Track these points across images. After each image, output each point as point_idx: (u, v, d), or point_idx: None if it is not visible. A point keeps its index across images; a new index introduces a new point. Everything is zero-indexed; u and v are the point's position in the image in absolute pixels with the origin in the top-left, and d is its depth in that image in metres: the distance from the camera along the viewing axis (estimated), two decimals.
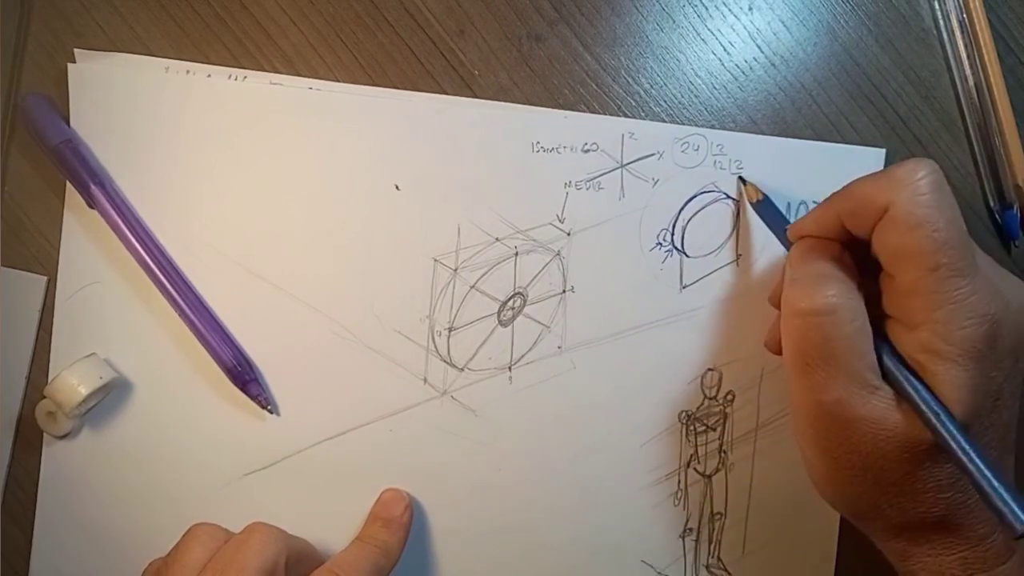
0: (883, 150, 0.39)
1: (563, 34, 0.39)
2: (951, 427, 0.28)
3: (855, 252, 0.33)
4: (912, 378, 0.30)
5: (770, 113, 0.40)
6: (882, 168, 0.39)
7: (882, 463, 0.30)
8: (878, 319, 0.31)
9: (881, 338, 0.31)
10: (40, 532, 0.38)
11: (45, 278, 0.38)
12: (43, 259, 0.38)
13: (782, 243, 0.36)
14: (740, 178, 0.39)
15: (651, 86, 0.39)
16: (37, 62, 0.38)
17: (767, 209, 0.38)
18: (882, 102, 0.40)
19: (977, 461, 0.28)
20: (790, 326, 0.32)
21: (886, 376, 0.30)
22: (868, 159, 0.39)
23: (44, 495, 0.38)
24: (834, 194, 0.33)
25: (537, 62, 0.39)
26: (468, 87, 0.39)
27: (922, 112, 0.40)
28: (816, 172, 0.39)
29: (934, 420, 0.29)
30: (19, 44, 0.38)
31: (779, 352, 0.36)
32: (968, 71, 0.39)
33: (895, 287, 0.31)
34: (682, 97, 0.39)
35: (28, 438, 0.38)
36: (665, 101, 0.39)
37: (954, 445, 0.28)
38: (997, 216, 0.40)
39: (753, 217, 0.39)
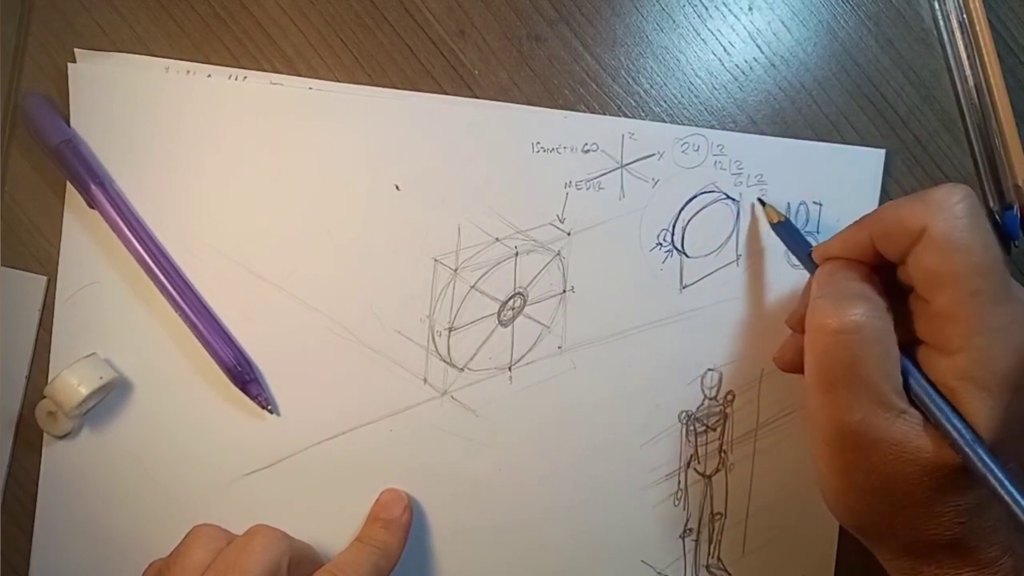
0: (883, 151, 0.39)
1: (563, 34, 0.39)
2: (983, 454, 0.28)
3: (881, 276, 0.33)
4: (942, 403, 0.29)
5: (770, 113, 0.40)
6: (881, 169, 0.39)
7: (902, 485, 0.30)
8: (905, 343, 0.31)
9: (907, 361, 0.30)
10: (40, 532, 0.38)
11: (45, 278, 0.38)
12: (43, 259, 0.38)
13: (804, 265, 0.36)
14: (759, 199, 0.39)
15: (651, 86, 0.39)
16: (37, 62, 0.38)
17: (787, 231, 0.38)
18: (882, 102, 0.40)
19: (1011, 488, 0.27)
20: (815, 343, 0.31)
21: (911, 400, 0.30)
22: (868, 160, 0.39)
23: (44, 495, 0.38)
24: (865, 216, 0.33)
25: (537, 62, 0.39)
26: (468, 87, 0.39)
27: (922, 112, 0.40)
28: (816, 172, 0.39)
29: (966, 447, 0.28)
30: (19, 44, 0.38)
31: (789, 370, 0.37)
32: (968, 71, 0.39)
33: (930, 311, 0.30)
34: (682, 97, 0.39)
35: (28, 438, 0.38)
36: (665, 101, 0.39)
37: (987, 472, 0.28)
38: (997, 216, 0.40)
39: (753, 217, 0.39)
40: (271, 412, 0.38)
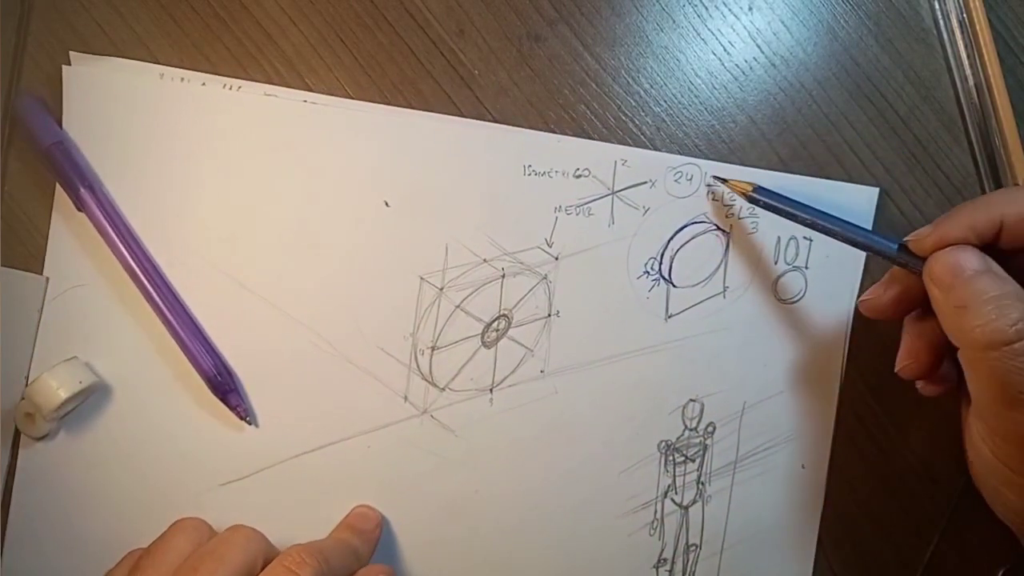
0: (877, 189, 0.39)
1: (563, 34, 0.39)
2: None
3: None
4: None
5: (770, 113, 0.39)
6: (874, 206, 0.39)
7: None
8: None
9: None
10: (12, 532, 0.38)
11: (45, 278, 0.38)
12: (43, 259, 0.38)
13: (804, 223, 0.35)
14: (715, 177, 0.38)
15: (651, 86, 0.39)
16: (37, 62, 0.38)
17: (767, 196, 0.36)
18: (882, 102, 0.40)
19: None
20: (979, 360, 0.29)
21: None
22: (861, 197, 0.39)
23: (18, 495, 0.38)
24: (983, 199, 0.32)
25: (537, 62, 0.39)
26: (468, 87, 0.39)
27: (922, 112, 0.40)
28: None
29: None
30: (19, 44, 0.38)
31: (920, 377, 0.35)
32: (968, 71, 0.39)
33: None
34: (682, 97, 0.39)
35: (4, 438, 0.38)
36: (665, 101, 0.39)
37: None
38: None
39: (743, 249, 0.39)
40: (250, 423, 0.38)
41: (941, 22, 0.39)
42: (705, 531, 0.40)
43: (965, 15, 0.39)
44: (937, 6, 0.39)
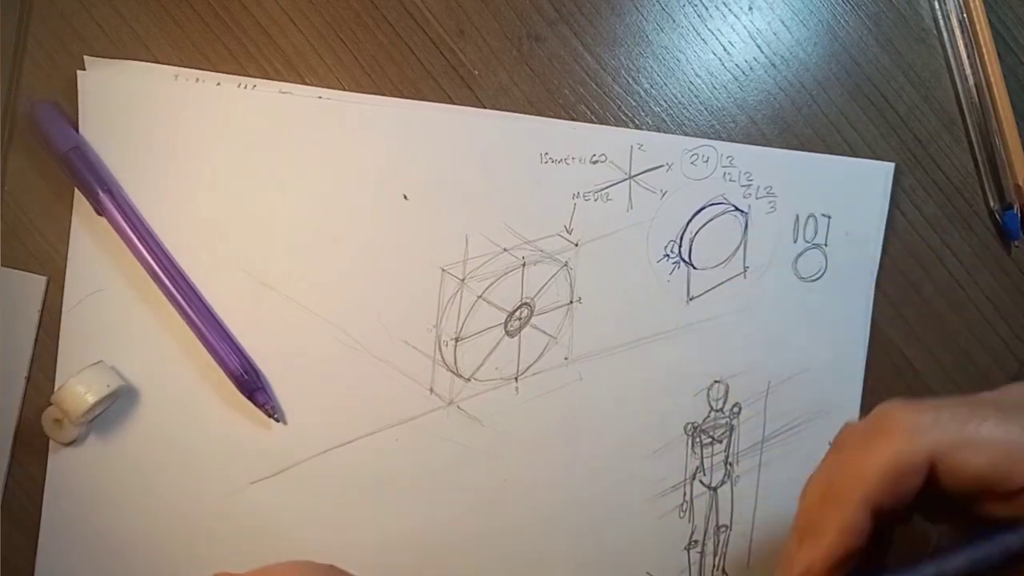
0: (892, 164, 0.39)
1: (563, 34, 0.39)
2: None
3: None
4: None
5: (770, 113, 0.39)
6: (890, 182, 0.39)
7: None
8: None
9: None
10: (45, 538, 0.38)
11: (45, 278, 0.38)
12: (43, 259, 0.38)
13: None
14: None
15: (651, 86, 0.39)
16: (37, 63, 0.38)
17: None
18: (882, 102, 0.40)
19: None
20: None
21: None
22: (877, 173, 0.39)
23: (49, 501, 0.38)
24: (829, 494, 0.25)
25: (537, 62, 0.39)
26: (468, 87, 0.39)
27: (922, 112, 0.40)
28: (826, 185, 0.39)
29: None
30: (19, 45, 0.38)
31: None
32: (968, 71, 0.39)
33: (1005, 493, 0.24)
34: (682, 97, 0.39)
35: (34, 445, 0.38)
36: (665, 101, 0.39)
37: None
38: (997, 216, 0.40)
39: (762, 229, 0.39)
40: (277, 420, 0.38)
41: (941, 22, 0.39)
42: (735, 511, 0.40)
43: (965, 15, 0.39)
44: (937, 6, 0.39)
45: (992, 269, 0.40)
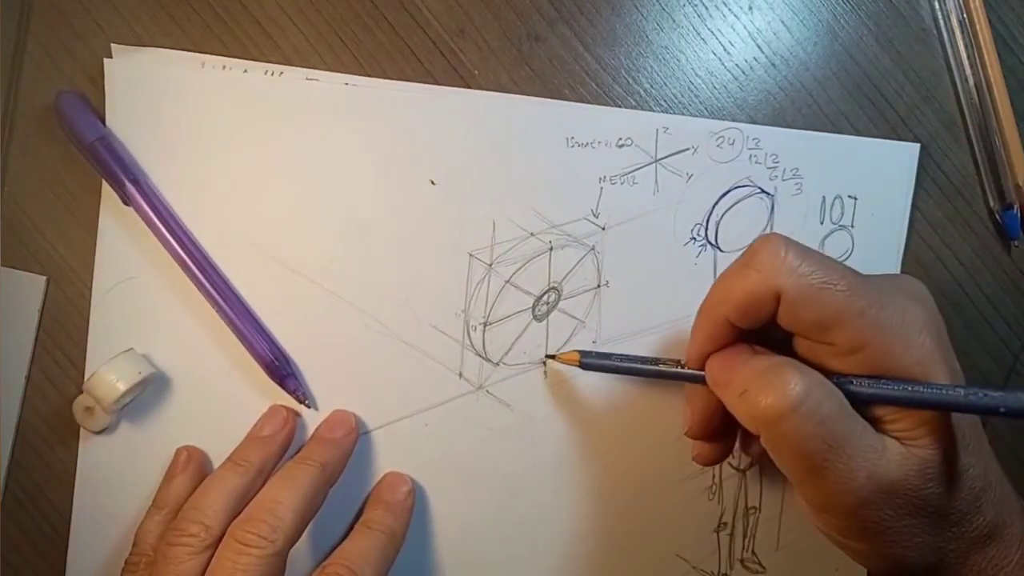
0: (918, 145, 0.39)
1: (563, 34, 0.39)
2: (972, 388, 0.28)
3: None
4: (905, 384, 0.29)
5: (770, 113, 0.39)
6: (915, 163, 0.39)
7: (936, 502, 0.29)
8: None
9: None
10: (77, 526, 0.39)
11: (45, 278, 0.38)
12: (43, 259, 0.38)
13: (643, 374, 0.36)
14: (545, 359, 0.39)
15: (651, 86, 0.39)
16: (37, 62, 0.38)
17: (593, 359, 0.36)
18: (882, 102, 0.40)
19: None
20: (777, 437, 0.29)
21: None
22: (903, 154, 0.39)
23: (81, 490, 0.39)
24: (705, 306, 0.32)
25: (537, 62, 0.39)
26: (468, 87, 0.39)
27: (922, 112, 0.40)
28: (852, 167, 0.39)
29: (955, 390, 0.28)
30: (19, 44, 0.38)
31: (710, 462, 0.36)
32: (968, 71, 0.39)
33: (838, 349, 0.29)
34: (682, 97, 0.39)
35: (64, 433, 0.39)
36: (665, 101, 0.39)
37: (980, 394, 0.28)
38: (997, 216, 0.40)
39: (789, 211, 0.39)
40: (308, 407, 0.38)
41: (941, 22, 0.39)
42: (764, 493, 0.40)
43: (965, 15, 0.39)
44: (937, 6, 0.39)
45: (992, 269, 0.40)
